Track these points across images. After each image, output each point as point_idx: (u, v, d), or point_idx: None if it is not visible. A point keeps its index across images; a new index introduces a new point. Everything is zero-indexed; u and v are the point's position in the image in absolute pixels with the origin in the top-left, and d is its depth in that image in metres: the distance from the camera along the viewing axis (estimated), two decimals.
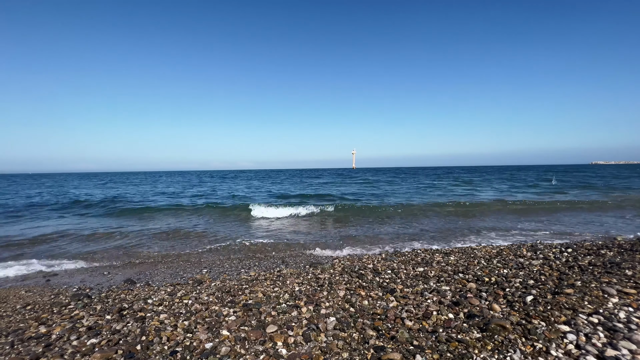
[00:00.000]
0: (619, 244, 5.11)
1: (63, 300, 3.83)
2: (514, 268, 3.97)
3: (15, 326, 3.03)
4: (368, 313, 2.88)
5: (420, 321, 2.64)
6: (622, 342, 2.06)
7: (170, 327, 2.76)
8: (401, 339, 2.36)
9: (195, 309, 3.18)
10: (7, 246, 7.11)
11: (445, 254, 5.17)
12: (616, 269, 3.47)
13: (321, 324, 2.67)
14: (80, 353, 2.38)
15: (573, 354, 2.02)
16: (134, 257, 6.17)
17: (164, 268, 5.33)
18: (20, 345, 2.58)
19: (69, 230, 8.86)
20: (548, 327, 2.34)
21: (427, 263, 4.58)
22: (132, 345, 2.48)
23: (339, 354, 2.23)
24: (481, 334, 2.35)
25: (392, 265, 4.54)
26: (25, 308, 3.56)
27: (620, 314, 2.44)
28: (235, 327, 2.69)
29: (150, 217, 11.50)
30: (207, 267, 5.29)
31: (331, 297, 3.29)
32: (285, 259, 5.64)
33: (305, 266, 4.96)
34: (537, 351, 2.08)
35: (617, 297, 2.75)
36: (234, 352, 2.31)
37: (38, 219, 10.96)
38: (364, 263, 4.81)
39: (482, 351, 2.14)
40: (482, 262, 4.39)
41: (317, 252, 6.15)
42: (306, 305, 3.09)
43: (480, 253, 5.06)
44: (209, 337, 2.53)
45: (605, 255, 4.27)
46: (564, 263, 4.04)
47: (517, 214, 10.42)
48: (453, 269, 4.15)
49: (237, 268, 5.14)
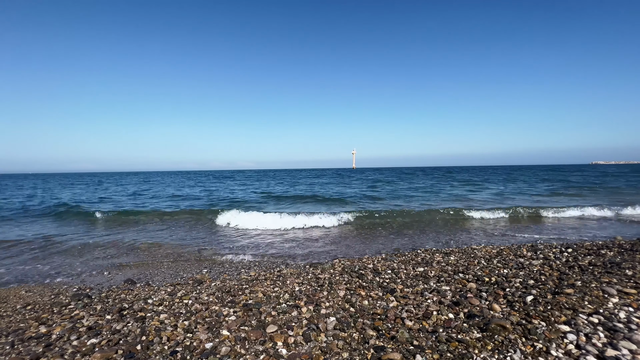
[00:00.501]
0: (619, 244, 5.11)
1: (63, 300, 3.83)
2: (514, 268, 3.97)
3: (16, 326, 3.03)
4: (368, 313, 2.88)
5: (421, 321, 2.64)
6: (623, 342, 2.06)
7: (170, 327, 2.76)
8: (401, 339, 2.36)
9: (196, 309, 3.18)
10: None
11: (445, 254, 5.17)
12: (616, 269, 3.46)
13: (321, 324, 2.67)
14: (81, 353, 2.38)
15: (573, 354, 2.01)
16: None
17: (164, 269, 5.33)
18: (20, 345, 2.58)
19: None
20: (548, 327, 2.34)
21: (427, 263, 4.58)
22: (132, 345, 2.48)
23: (339, 354, 2.23)
24: (481, 334, 2.35)
25: (392, 265, 4.54)
26: (25, 308, 3.56)
27: (621, 314, 2.44)
28: (236, 327, 2.69)
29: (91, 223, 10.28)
30: (207, 267, 5.30)
31: (331, 297, 3.29)
32: (285, 262, 5.64)
33: (305, 266, 4.96)
34: (537, 351, 2.08)
35: (618, 297, 2.75)
36: (234, 352, 2.31)
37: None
38: (364, 263, 4.80)
39: (482, 351, 2.14)
40: (482, 262, 4.39)
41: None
42: (306, 305, 3.09)
43: (480, 253, 5.06)
44: (209, 337, 2.53)
45: (605, 255, 4.27)
46: (564, 263, 4.04)
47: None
48: (453, 269, 4.15)
49: (237, 268, 5.14)
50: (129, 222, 10.37)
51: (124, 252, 6.49)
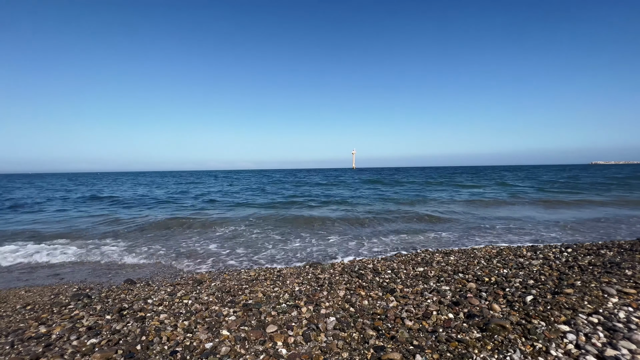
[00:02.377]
0: (619, 244, 5.12)
1: (63, 300, 3.83)
2: (513, 268, 3.98)
3: (15, 326, 3.03)
4: (368, 313, 2.88)
5: (420, 321, 2.65)
6: (622, 342, 2.06)
7: (170, 327, 2.76)
8: (401, 339, 2.36)
9: (195, 308, 3.18)
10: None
11: (445, 254, 5.17)
12: (616, 269, 3.47)
13: (321, 324, 2.67)
14: (80, 353, 2.38)
15: (573, 353, 2.02)
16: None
17: (164, 268, 5.33)
18: (20, 345, 2.58)
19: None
20: (548, 327, 2.34)
21: (427, 263, 4.58)
22: (132, 345, 2.48)
23: (339, 354, 2.23)
24: (481, 334, 2.35)
25: (392, 265, 4.55)
26: (25, 308, 3.56)
27: (620, 313, 2.44)
28: (235, 327, 2.69)
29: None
30: (207, 267, 5.29)
31: (331, 297, 3.29)
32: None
33: (305, 266, 4.96)
34: (537, 351, 2.08)
35: (617, 297, 2.75)
36: (234, 352, 2.31)
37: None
38: (363, 263, 4.81)
39: (482, 351, 2.14)
40: (482, 262, 4.39)
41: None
42: (306, 305, 3.09)
43: (480, 253, 5.07)
44: (209, 337, 2.53)
45: (605, 255, 4.27)
46: (563, 263, 4.04)
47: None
48: (453, 269, 4.15)
49: (237, 268, 5.14)
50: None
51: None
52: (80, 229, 9.09)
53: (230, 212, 12.02)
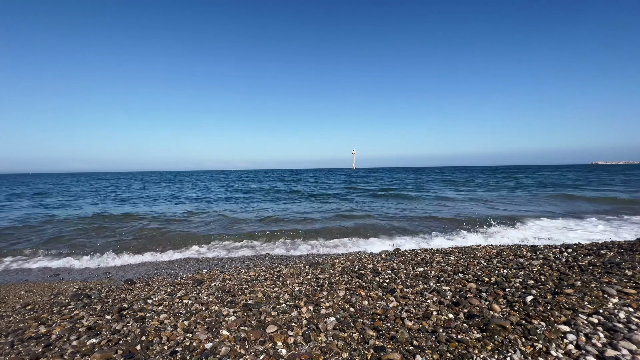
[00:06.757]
0: (619, 244, 5.11)
1: (63, 300, 3.82)
2: (514, 268, 3.97)
3: (15, 326, 3.03)
4: (368, 313, 2.87)
5: (420, 321, 2.64)
6: (622, 342, 2.06)
7: (170, 327, 2.76)
8: (401, 339, 2.36)
9: (195, 309, 3.18)
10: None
11: (445, 254, 5.17)
12: (616, 269, 3.46)
13: (321, 324, 2.67)
14: (80, 353, 2.38)
15: (573, 354, 2.01)
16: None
17: (164, 268, 5.33)
18: (20, 345, 2.58)
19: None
20: (548, 327, 2.34)
21: (427, 263, 4.58)
22: (132, 345, 2.48)
23: (339, 354, 2.23)
24: (481, 334, 2.35)
25: (392, 265, 4.54)
26: (25, 308, 3.56)
27: (620, 314, 2.44)
28: (235, 327, 2.69)
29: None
30: (207, 267, 5.29)
31: (331, 297, 3.29)
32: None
33: (305, 266, 4.96)
34: (537, 351, 2.08)
35: (617, 297, 2.75)
36: (233, 352, 2.31)
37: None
38: (363, 263, 4.80)
39: (482, 351, 2.14)
40: (482, 262, 4.38)
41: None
42: (306, 305, 3.09)
43: (480, 253, 5.06)
44: (209, 337, 2.53)
45: (605, 255, 4.27)
46: (563, 263, 4.04)
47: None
48: (453, 269, 4.15)
49: (237, 268, 5.13)
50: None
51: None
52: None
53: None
